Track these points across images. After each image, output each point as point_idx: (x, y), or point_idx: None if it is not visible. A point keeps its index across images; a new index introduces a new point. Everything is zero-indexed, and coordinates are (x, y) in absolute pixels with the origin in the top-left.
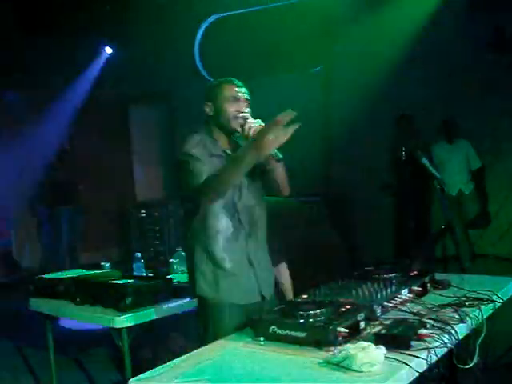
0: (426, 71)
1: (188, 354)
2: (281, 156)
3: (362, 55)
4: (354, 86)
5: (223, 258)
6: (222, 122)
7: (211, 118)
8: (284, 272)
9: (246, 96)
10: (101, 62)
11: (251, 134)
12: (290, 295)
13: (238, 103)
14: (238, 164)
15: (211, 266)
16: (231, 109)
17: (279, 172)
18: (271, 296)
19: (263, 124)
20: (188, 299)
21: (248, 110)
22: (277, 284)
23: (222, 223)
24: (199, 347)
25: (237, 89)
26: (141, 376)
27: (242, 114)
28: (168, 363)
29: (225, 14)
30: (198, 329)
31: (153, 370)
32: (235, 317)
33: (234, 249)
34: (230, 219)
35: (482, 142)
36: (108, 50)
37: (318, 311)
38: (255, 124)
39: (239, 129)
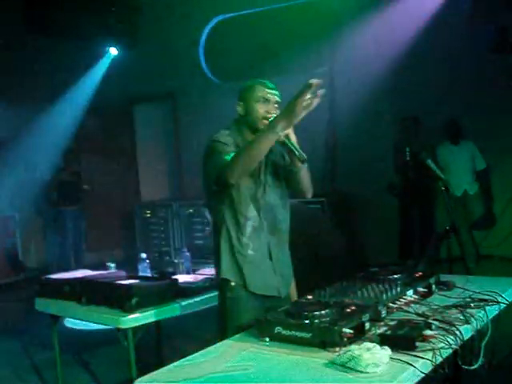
0: (430, 72)
1: (194, 355)
2: (305, 157)
3: (366, 56)
4: (359, 86)
5: (247, 245)
6: (251, 121)
7: (242, 117)
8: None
9: (277, 98)
10: (106, 62)
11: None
12: (294, 297)
13: (267, 104)
14: (268, 133)
15: (235, 250)
16: (261, 110)
17: (303, 173)
18: (287, 296)
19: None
20: (193, 300)
21: (277, 111)
22: None
23: (250, 212)
24: (218, 332)
25: (268, 90)
26: (146, 376)
27: (270, 115)
28: (173, 364)
29: (229, 14)
30: (218, 312)
31: (158, 370)
32: (252, 304)
33: (258, 239)
34: (256, 210)
35: (486, 142)
36: (113, 50)
37: (323, 312)
38: None
39: None
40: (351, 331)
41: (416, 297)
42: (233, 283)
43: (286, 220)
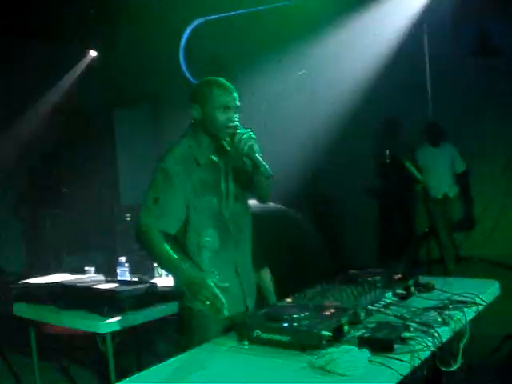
0: (411, 75)
1: (172, 359)
2: (271, 173)
3: (346, 59)
4: (338, 89)
5: (212, 272)
6: (210, 129)
7: (198, 122)
8: (266, 277)
9: (237, 103)
10: (85, 64)
11: (241, 146)
12: (272, 300)
13: (228, 111)
14: (173, 274)
15: None
16: (221, 117)
17: (265, 185)
18: (253, 305)
19: (253, 136)
20: (172, 304)
21: (238, 117)
22: (259, 289)
23: (206, 237)
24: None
25: (227, 95)
26: (125, 380)
27: (232, 124)
28: (152, 368)
29: (209, 17)
30: (179, 337)
31: (137, 374)
32: (220, 326)
33: (222, 261)
34: (218, 230)
35: (466, 145)
36: (92, 53)
37: (301, 315)
38: (245, 136)
39: (228, 139)
40: (330, 334)
41: (395, 299)
42: (200, 312)
43: (248, 226)
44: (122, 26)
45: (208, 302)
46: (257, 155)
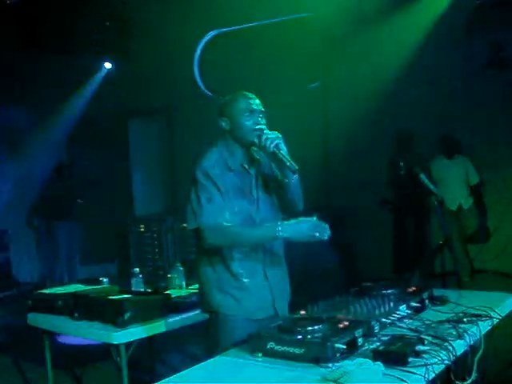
0: (425, 87)
1: (185, 371)
2: (297, 167)
3: (360, 71)
4: (353, 101)
5: (240, 274)
6: (239, 135)
7: (227, 132)
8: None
9: (261, 107)
10: (100, 76)
11: (268, 145)
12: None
13: (253, 116)
14: (271, 237)
15: (229, 280)
16: (248, 122)
17: (295, 184)
18: (284, 309)
19: (280, 136)
20: (186, 315)
21: (263, 121)
22: None
23: None
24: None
25: (251, 101)
26: None
27: (258, 126)
28: (166, 379)
29: (224, 29)
30: (207, 342)
31: None
32: (248, 331)
33: (251, 263)
34: None
35: (480, 157)
36: (107, 64)
37: (315, 327)
38: (272, 135)
39: (256, 141)
40: (344, 347)
41: (409, 312)
42: (227, 315)
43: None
44: (136, 39)
45: (317, 234)
46: (282, 152)
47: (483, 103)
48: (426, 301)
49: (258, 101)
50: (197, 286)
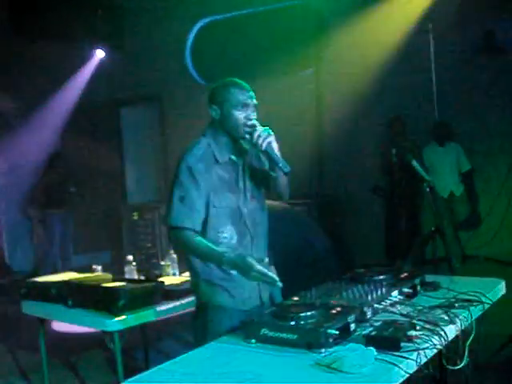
0: (417, 74)
1: (179, 357)
2: (289, 169)
3: (353, 58)
4: (345, 88)
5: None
6: (229, 127)
7: (217, 121)
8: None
9: (254, 101)
10: (92, 64)
11: (259, 143)
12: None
13: (246, 109)
14: (216, 262)
15: (217, 272)
16: (240, 116)
17: (282, 180)
18: (268, 300)
19: (271, 133)
20: (179, 302)
21: (255, 115)
22: None
23: (224, 234)
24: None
25: (245, 93)
26: (133, 378)
27: (250, 122)
28: (160, 366)
29: (216, 16)
30: (196, 332)
31: (145, 372)
32: (236, 321)
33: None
34: (235, 226)
35: (472, 143)
36: (100, 53)
37: (308, 313)
38: (264, 133)
39: (247, 136)
40: (337, 332)
41: (401, 297)
42: (216, 306)
43: (264, 223)
44: (128, 27)
45: (259, 281)
46: (275, 151)
47: (475, 90)
48: (418, 286)
49: (251, 93)
50: None
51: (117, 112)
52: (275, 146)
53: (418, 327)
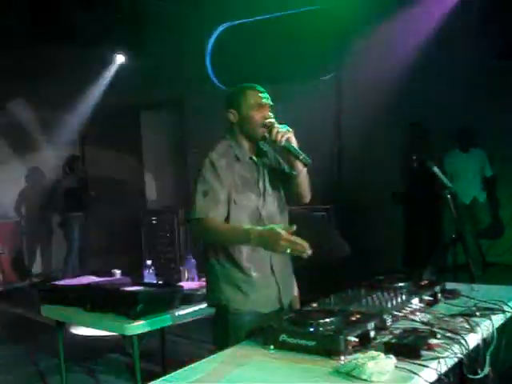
0: (439, 79)
1: (198, 363)
2: (309, 160)
3: (373, 63)
4: (365, 94)
5: (249, 268)
6: (247, 129)
7: (236, 124)
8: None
9: (270, 102)
10: (113, 70)
11: (279, 139)
12: (297, 306)
13: (263, 110)
14: (243, 240)
15: (237, 274)
16: (257, 116)
17: (303, 177)
18: (289, 304)
19: (290, 129)
20: (198, 307)
21: (272, 115)
22: None
23: None
24: (215, 353)
25: (261, 95)
26: (151, 383)
27: (268, 121)
28: (178, 371)
29: (236, 22)
30: (216, 337)
31: (163, 377)
32: (256, 325)
33: (259, 258)
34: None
35: (494, 150)
36: (120, 58)
37: (327, 320)
38: (282, 129)
39: (266, 135)
40: (356, 339)
41: (421, 305)
42: (236, 309)
43: (284, 225)
44: (149, 31)
45: (289, 250)
46: (294, 146)
47: (498, 95)
48: (439, 294)
49: (266, 94)
50: None
51: (137, 117)
52: (294, 141)
53: (438, 335)
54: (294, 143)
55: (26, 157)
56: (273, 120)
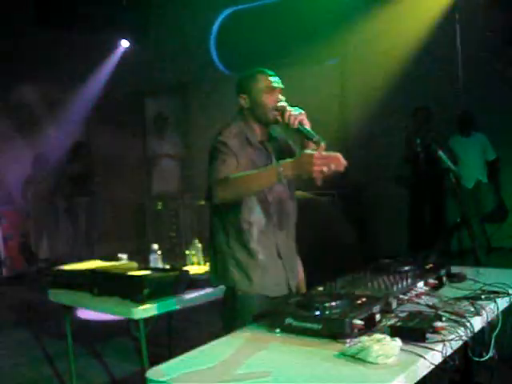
0: (444, 64)
1: (204, 346)
2: (323, 141)
3: (378, 47)
4: (371, 77)
5: (256, 250)
6: (259, 113)
7: (247, 109)
8: (298, 267)
9: (281, 85)
10: (117, 55)
11: (292, 121)
12: (303, 289)
13: (274, 93)
14: (272, 179)
15: (245, 257)
16: (268, 100)
17: None
18: (295, 288)
19: (302, 111)
20: (204, 291)
21: (284, 98)
22: None
23: (255, 215)
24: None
25: (271, 79)
26: (158, 366)
27: (280, 104)
28: (184, 354)
29: (241, 6)
30: (224, 320)
31: (170, 360)
32: (264, 308)
33: (266, 241)
34: (263, 211)
35: (498, 134)
36: (124, 43)
37: (333, 303)
38: (295, 112)
39: (279, 118)
40: (362, 322)
41: (427, 288)
42: (244, 292)
43: (293, 212)
44: (153, 17)
45: (325, 168)
46: (307, 128)
47: (501, 79)
48: (444, 278)
49: (277, 78)
50: None
51: (141, 102)
52: (307, 123)
53: (443, 318)
54: (307, 125)
55: (32, 143)
56: (285, 103)
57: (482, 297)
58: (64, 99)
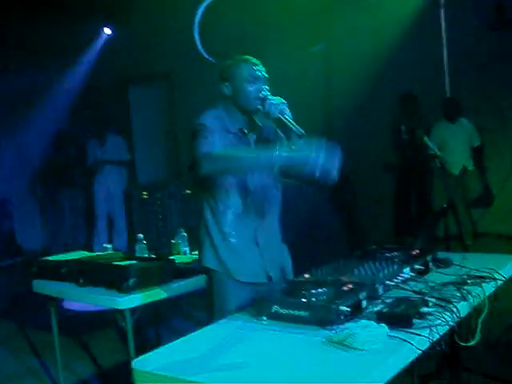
0: (428, 49)
1: (190, 335)
2: (302, 131)
3: (363, 33)
4: (355, 63)
5: (229, 233)
6: (241, 101)
7: (229, 97)
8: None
9: (265, 74)
10: (100, 42)
11: (272, 110)
12: (290, 277)
13: (257, 82)
14: (267, 163)
15: (219, 239)
16: (251, 88)
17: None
18: (279, 277)
19: (284, 101)
20: (190, 280)
21: (267, 87)
22: None
23: (231, 200)
24: (206, 319)
25: (255, 67)
26: (144, 356)
27: (262, 94)
28: (170, 343)
29: None
30: (207, 301)
31: (156, 349)
32: (240, 293)
33: (242, 226)
34: (241, 197)
35: (484, 119)
36: (107, 30)
37: (320, 290)
38: (276, 101)
39: (260, 107)
40: (348, 309)
41: (413, 274)
42: (217, 274)
43: (276, 201)
44: (136, 4)
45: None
46: (288, 118)
47: (487, 65)
48: (430, 263)
49: (261, 67)
50: None
51: (125, 90)
52: (288, 112)
53: (430, 304)
54: (288, 115)
55: (14, 133)
56: (267, 93)
57: (469, 282)
58: (46, 88)
